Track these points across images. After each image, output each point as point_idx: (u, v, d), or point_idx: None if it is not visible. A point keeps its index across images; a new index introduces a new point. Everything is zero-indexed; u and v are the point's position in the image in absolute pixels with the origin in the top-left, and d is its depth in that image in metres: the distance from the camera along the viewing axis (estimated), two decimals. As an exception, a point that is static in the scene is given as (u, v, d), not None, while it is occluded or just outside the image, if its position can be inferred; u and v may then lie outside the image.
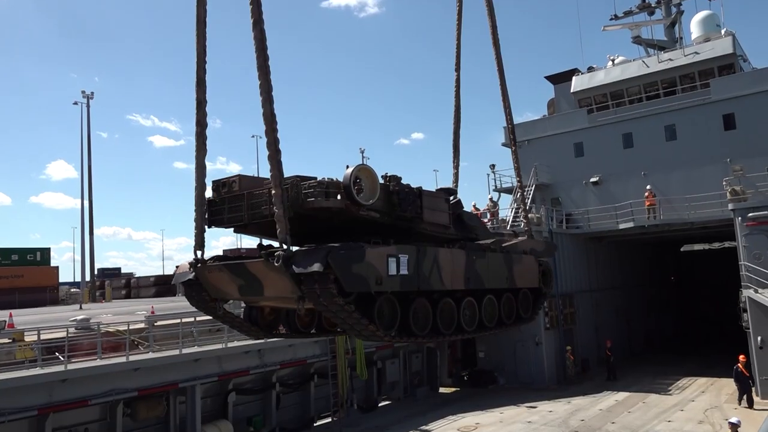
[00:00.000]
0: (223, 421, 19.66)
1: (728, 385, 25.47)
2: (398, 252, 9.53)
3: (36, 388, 15.19)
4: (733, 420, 13.86)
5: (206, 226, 10.19)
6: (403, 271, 9.57)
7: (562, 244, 30.64)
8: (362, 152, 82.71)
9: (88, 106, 51.89)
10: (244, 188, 9.81)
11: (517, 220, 30.39)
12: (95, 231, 57.15)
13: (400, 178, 10.97)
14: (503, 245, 12.79)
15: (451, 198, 11.42)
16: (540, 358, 28.10)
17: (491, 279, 11.89)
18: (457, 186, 16.72)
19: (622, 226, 30.53)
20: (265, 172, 8.80)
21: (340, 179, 9.30)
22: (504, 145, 37.76)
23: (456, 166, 17.05)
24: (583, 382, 27.50)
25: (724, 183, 26.61)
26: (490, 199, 33.25)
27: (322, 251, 8.51)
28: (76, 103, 51.79)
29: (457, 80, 16.31)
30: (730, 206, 24.97)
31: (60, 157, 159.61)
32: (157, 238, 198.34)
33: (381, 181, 10.64)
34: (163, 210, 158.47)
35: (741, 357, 21.73)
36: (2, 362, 15.93)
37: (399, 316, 10.00)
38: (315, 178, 9.27)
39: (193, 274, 10.20)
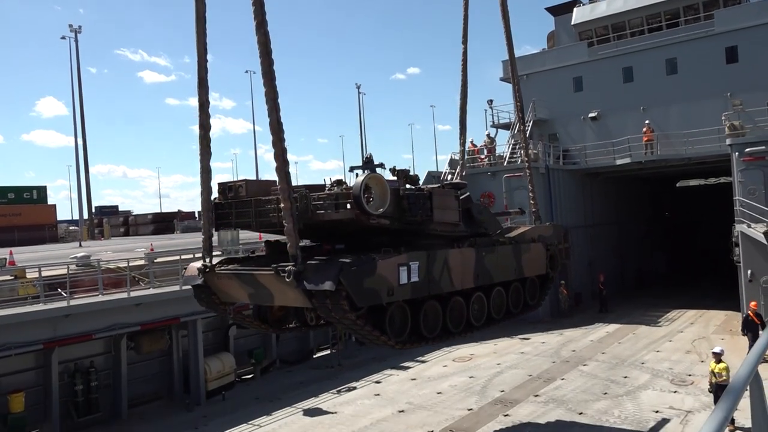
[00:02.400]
0: (224, 354, 20.23)
1: (716, 317, 26.16)
2: (409, 260, 9.44)
3: (40, 323, 15.53)
4: (716, 350, 14.30)
5: (214, 230, 10.19)
6: (414, 278, 9.52)
7: (559, 180, 30.69)
8: (358, 88, 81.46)
9: (76, 40, 50.60)
10: (251, 193, 9.71)
11: (514, 156, 30.30)
12: (90, 169, 56.85)
13: (408, 171, 10.82)
14: (512, 236, 12.66)
15: (461, 193, 11.18)
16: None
17: (500, 273, 11.91)
18: (464, 161, 16.54)
19: (619, 161, 30.51)
20: (260, 110, 8.70)
21: (346, 176, 9.15)
22: (503, 80, 37.16)
23: (462, 143, 16.83)
24: (576, 315, 28.18)
25: (723, 118, 26.43)
26: (488, 135, 33.00)
27: (333, 268, 8.36)
28: (63, 38, 50.49)
29: (464, 54, 15.87)
30: (728, 141, 24.87)
31: (49, 93, 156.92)
32: (152, 176, 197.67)
33: (391, 176, 10.50)
34: (157, 147, 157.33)
35: (752, 304, 19.85)
36: (5, 299, 16.21)
37: (410, 321, 10.02)
38: (324, 187, 9.10)
39: (202, 279, 10.17)
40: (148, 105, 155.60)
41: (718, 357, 13.94)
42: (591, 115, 33.64)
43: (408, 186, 10.20)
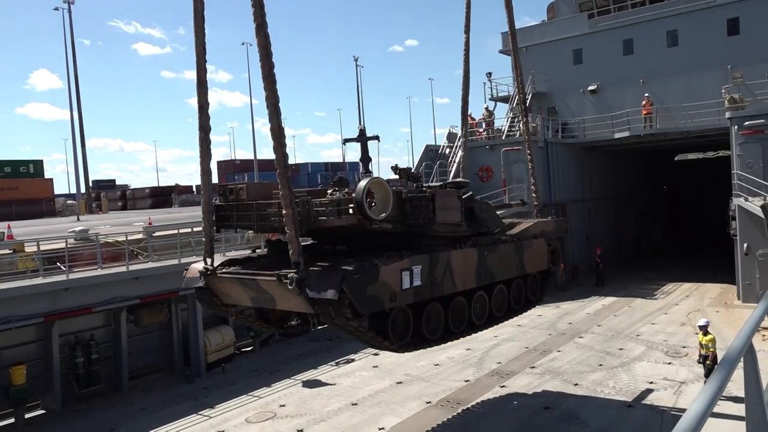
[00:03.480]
0: (224, 327, 20.38)
1: (711, 290, 26.37)
2: (411, 264, 9.39)
3: (40, 297, 15.61)
4: (701, 322, 14.53)
5: (215, 230, 10.09)
6: (417, 282, 9.48)
7: (557, 154, 30.64)
8: (356, 60, 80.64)
9: (69, 12, 49.89)
10: (251, 196, 9.62)
11: (513, 129, 30.18)
12: (86, 143, 56.51)
13: (410, 169, 10.70)
14: (514, 234, 12.54)
15: (463, 192, 11.08)
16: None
17: (502, 271, 11.88)
18: (466, 152, 16.38)
19: (617, 135, 30.42)
20: (257, 83, 8.56)
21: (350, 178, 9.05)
22: (502, 52, 36.81)
23: (465, 134, 16.69)
24: (572, 288, 28.37)
25: (722, 91, 26.28)
26: (486, 108, 32.80)
27: (336, 276, 8.31)
28: (57, 9, 49.69)
29: (466, 44, 15.67)
30: (727, 114, 24.78)
31: (42, 66, 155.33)
32: (149, 150, 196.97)
33: (394, 175, 10.37)
34: (154, 120, 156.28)
35: None
36: (5, 272, 16.26)
37: (412, 324, 10.00)
38: (326, 192, 8.98)
39: (204, 282, 10.12)
40: (144, 78, 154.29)
41: (704, 329, 14.22)
42: (590, 88, 33.41)
43: (409, 182, 10.18)
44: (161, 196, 70.30)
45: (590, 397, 14.60)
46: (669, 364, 16.77)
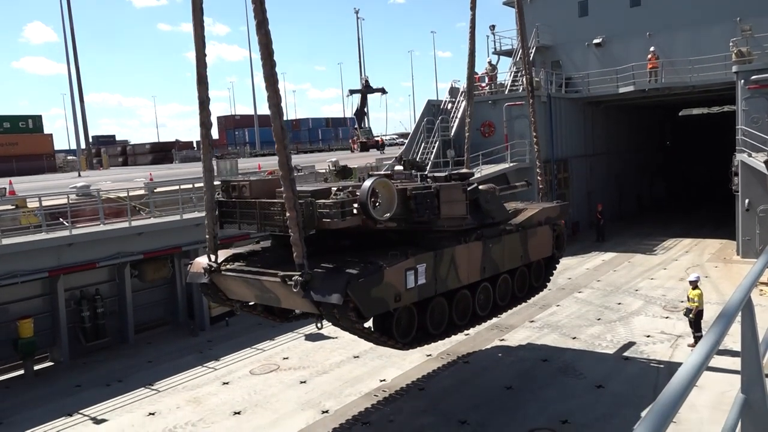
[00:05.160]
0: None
1: (711, 245, 26.51)
2: (416, 263, 9.30)
3: (44, 252, 15.72)
4: (692, 277, 14.71)
5: (219, 228, 9.97)
6: (421, 280, 9.41)
7: (560, 109, 30.31)
8: (357, 13, 79.00)
9: (63, -39, 48.52)
10: (255, 194, 9.48)
11: (516, 84, 29.78)
12: (84, 98, 55.93)
13: (415, 160, 10.46)
14: (519, 223, 12.35)
15: (468, 183, 10.92)
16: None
17: (507, 261, 11.79)
18: (471, 133, 16.09)
19: (621, 89, 30.02)
20: (255, 36, 8.29)
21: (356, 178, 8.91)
22: (506, 4, 36.01)
23: (470, 115, 16.35)
24: (573, 244, 28.48)
25: (730, 44, 25.78)
26: (489, 62, 32.29)
27: (340, 280, 8.25)
28: (49, -41, 48.38)
29: (472, 21, 15.22)
30: (734, 68, 24.39)
31: (36, 18, 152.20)
32: (148, 105, 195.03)
33: (399, 167, 10.12)
34: (152, 75, 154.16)
35: None
36: (8, 228, 16.34)
37: (416, 320, 9.97)
38: (330, 192, 8.80)
39: (208, 278, 10.06)
40: (140, 31, 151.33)
41: (694, 284, 14.41)
42: (595, 41, 32.80)
43: (414, 171, 10.09)
44: (162, 152, 70.07)
45: (588, 351, 14.87)
46: (666, 318, 17.00)
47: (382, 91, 59.61)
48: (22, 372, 15.61)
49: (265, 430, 11.57)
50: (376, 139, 61.17)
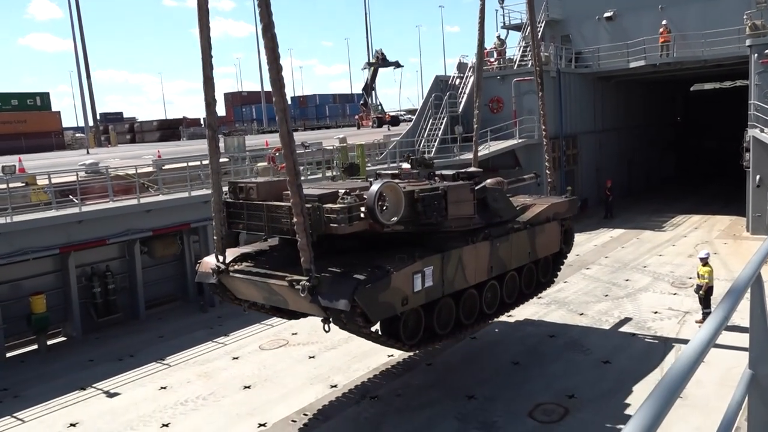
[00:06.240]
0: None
1: (721, 222, 26.37)
2: (423, 266, 9.25)
3: (54, 229, 15.86)
4: (702, 254, 14.67)
5: (226, 229, 9.98)
6: (428, 283, 9.36)
7: (570, 84, 29.99)
8: (363, -14, 77.76)
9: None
10: (262, 196, 9.41)
11: (525, 59, 29.43)
12: (91, 75, 55.82)
13: (424, 158, 10.33)
14: (527, 220, 12.23)
15: (476, 182, 10.78)
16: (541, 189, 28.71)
17: (514, 260, 11.71)
18: (479, 123, 15.88)
19: (632, 64, 29.61)
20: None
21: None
22: (515, -24, 35.42)
23: (479, 107, 16.12)
24: (582, 221, 28.40)
25: (744, 17, 25.30)
26: (498, 37, 31.87)
27: (348, 285, 8.26)
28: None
29: (482, 9, 14.96)
30: (748, 42, 23.96)
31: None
32: (155, 81, 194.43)
33: (407, 165, 9.97)
34: (158, 51, 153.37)
35: None
36: (19, 205, 16.47)
37: (423, 321, 9.94)
38: (337, 196, 8.72)
39: (216, 279, 10.10)
40: (145, 6, 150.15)
41: (704, 261, 14.38)
42: (606, 14, 32.27)
43: (422, 169, 10.01)
44: (169, 129, 70.04)
45: (595, 327, 14.92)
46: (674, 294, 16.99)
47: (397, 64, 58.49)
48: (35, 347, 15.86)
49: (275, 404, 11.74)
50: (392, 114, 60.59)
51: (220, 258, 10.09)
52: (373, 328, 9.41)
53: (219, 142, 9.89)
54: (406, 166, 10.89)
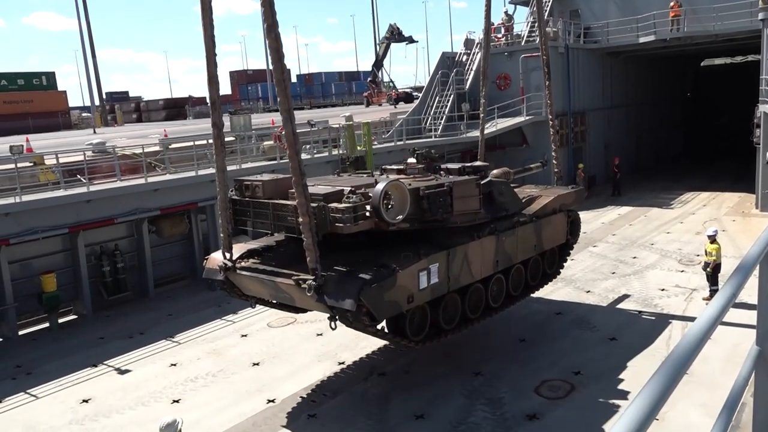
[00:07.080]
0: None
1: (729, 199, 26.19)
2: (429, 264, 9.20)
3: (63, 209, 15.96)
4: (710, 232, 14.59)
5: (233, 227, 10.04)
6: (434, 280, 9.34)
7: (578, 60, 29.64)
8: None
9: None
10: (268, 194, 9.42)
11: (533, 35, 29.07)
12: (96, 54, 55.62)
13: (430, 152, 10.23)
14: (533, 212, 12.11)
15: (481, 176, 10.71)
16: (548, 176, 28.59)
17: (520, 253, 11.63)
18: (485, 114, 15.71)
19: (642, 39, 29.18)
20: None
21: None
22: (523, -50, 34.82)
23: (485, 96, 15.88)
24: (589, 198, 28.29)
25: (757, -11, 24.83)
26: (505, 12, 31.49)
27: (353, 285, 8.27)
28: None
29: (488, 3, 14.69)
30: (760, 16, 23.52)
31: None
32: (160, 60, 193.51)
33: (412, 160, 9.98)
34: (162, 29, 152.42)
35: None
36: (27, 185, 16.56)
37: (429, 317, 9.94)
38: (342, 193, 8.67)
39: (224, 276, 10.14)
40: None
41: (712, 238, 14.32)
42: (616, -12, 31.74)
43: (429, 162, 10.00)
44: (175, 108, 69.90)
45: (601, 305, 14.94)
46: (682, 272, 16.96)
47: (411, 39, 57.64)
48: (47, 325, 16.07)
49: (284, 380, 11.88)
50: (406, 91, 60.02)
51: (227, 255, 10.12)
52: (379, 326, 9.47)
53: (224, 139, 9.87)
54: (411, 160, 10.85)
